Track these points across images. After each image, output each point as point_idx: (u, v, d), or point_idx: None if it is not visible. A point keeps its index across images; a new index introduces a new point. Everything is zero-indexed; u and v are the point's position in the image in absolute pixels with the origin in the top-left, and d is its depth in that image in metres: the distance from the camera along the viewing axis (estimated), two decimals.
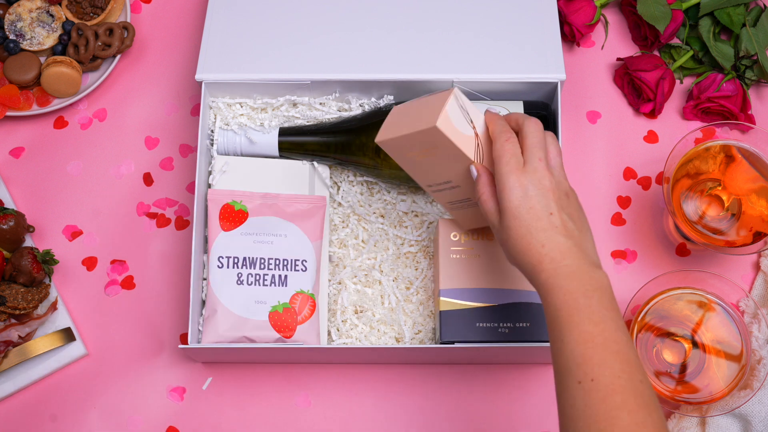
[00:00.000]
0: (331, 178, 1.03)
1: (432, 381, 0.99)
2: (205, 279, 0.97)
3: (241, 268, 0.96)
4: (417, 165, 0.84)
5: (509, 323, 0.90)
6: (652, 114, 1.08)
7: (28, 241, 1.04)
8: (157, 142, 1.09)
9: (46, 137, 1.09)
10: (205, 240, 0.98)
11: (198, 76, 0.99)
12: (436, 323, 0.93)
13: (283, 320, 0.94)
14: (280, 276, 0.96)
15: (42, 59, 1.10)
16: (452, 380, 0.99)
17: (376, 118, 0.99)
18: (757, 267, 1.03)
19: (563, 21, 1.08)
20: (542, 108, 0.98)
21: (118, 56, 1.10)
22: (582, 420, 0.67)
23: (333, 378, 1.00)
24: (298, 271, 0.96)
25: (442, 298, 0.91)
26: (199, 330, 0.96)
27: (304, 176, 1.00)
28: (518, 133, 0.79)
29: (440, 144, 0.79)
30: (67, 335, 0.99)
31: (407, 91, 1.00)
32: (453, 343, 0.90)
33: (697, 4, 1.09)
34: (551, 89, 0.99)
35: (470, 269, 0.91)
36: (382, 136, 0.83)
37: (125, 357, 1.01)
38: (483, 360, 0.98)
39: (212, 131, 1.02)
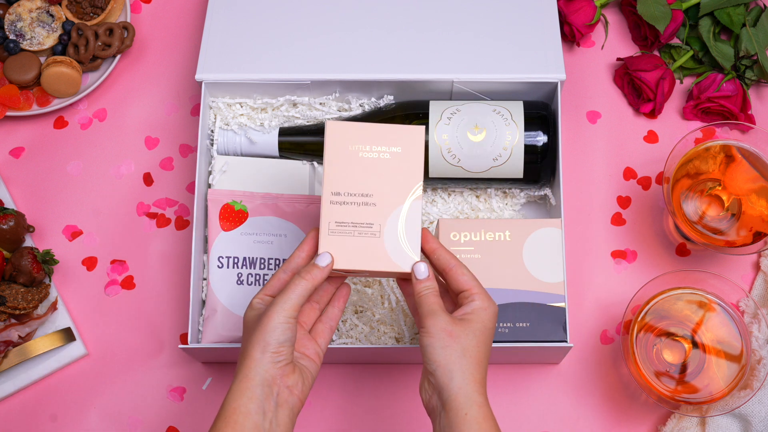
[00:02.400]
0: None
1: None
2: (205, 279, 0.97)
3: (241, 268, 0.96)
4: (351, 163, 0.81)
5: (509, 323, 0.90)
6: (652, 114, 1.08)
7: (28, 241, 1.04)
8: (157, 142, 1.09)
9: (46, 137, 1.09)
10: (205, 240, 0.98)
11: (198, 76, 0.99)
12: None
13: None
14: None
15: (42, 59, 1.10)
16: None
17: (376, 118, 0.99)
18: (757, 267, 1.03)
19: (563, 21, 1.08)
20: (542, 108, 0.98)
21: (118, 56, 1.10)
22: None
23: (333, 378, 1.00)
24: None
25: None
26: (199, 330, 0.96)
27: (304, 176, 1.00)
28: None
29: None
30: (67, 335, 0.99)
31: (407, 91, 1.00)
32: None
33: (697, 4, 1.09)
34: (551, 89, 0.99)
35: (470, 269, 0.90)
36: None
37: (125, 357, 1.01)
38: None
39: (212, 131, 1.02)
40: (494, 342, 0.89)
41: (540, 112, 0.97)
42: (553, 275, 0.90)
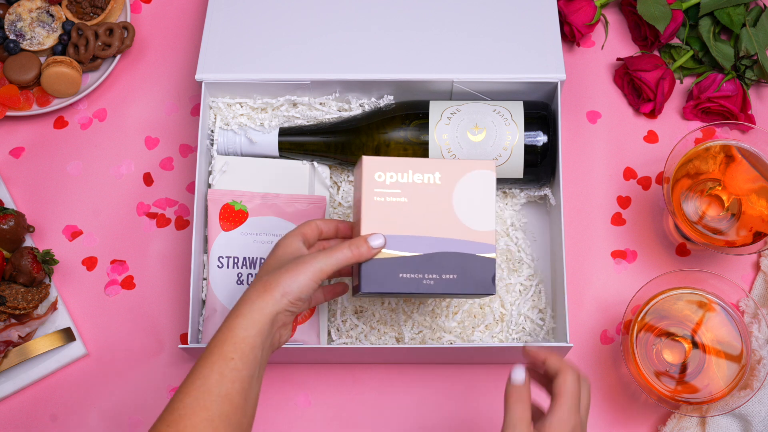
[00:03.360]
0: (331, 178, 1.03)
1: (432, 381, 0.99)
2: (205, 279, 0.97)
3: (241, 268, 0.96)
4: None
5: (435, 274, 0.83)
6: (652, 114, 1.08)
7: (28, 241, 1.04)
8: (157, 142, 1.09)
9: (46, 137, 1.09)
10: (205, 240, 0.98)
11: (198, 76, 0.99)
12: (354, 274, 0.85)
13: None
14: None
15: (42, 59, 1.10)
16: (452, 380, 0.99)
17: (376, 118, 0.99)
18: (757, 267, 1.03)
19: (563, 21, 1.08)
20: (542, 108, 0.98)
21: (118, 56, 1.10)
22: None
23: (333, 378, 1.00)
24: None
25: None
26: (199, 330, 0.96)
27: (304, 176, 1.00)
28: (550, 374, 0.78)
29: None
30: (67, 335, 0.99)
31: (407, 91, 1.00)
32: (373, 294, 0.84)
33: (697, 4, 1.09)
34: (551, 89, 0.99)
35: (395, 214, 0.83)
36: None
37: (125, 357, 1.01)
38: (483, 360, 0.98)
39: (212, 131, 1.02)
40: (419, 294, 0.84)
41: (540, 112, 0.97)
42: (484, 223, 0.83)
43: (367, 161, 0.83)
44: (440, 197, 0.83)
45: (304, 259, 0.78)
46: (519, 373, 0.76)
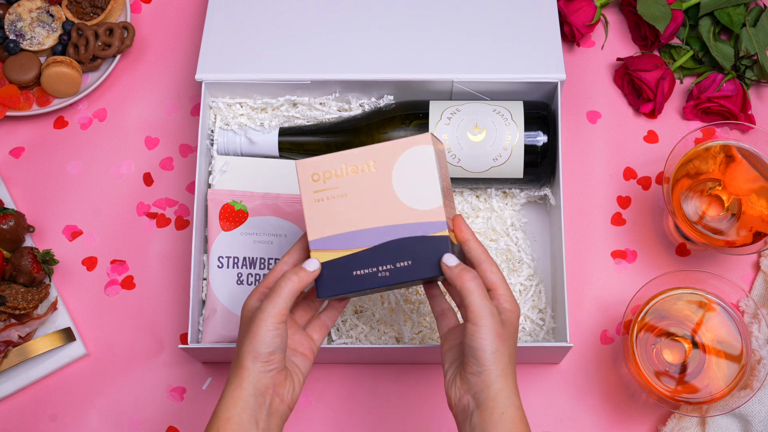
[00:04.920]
0: None
1: (432, 381, 0.99)
2: (205, 279, 0.97)
3: (241, 268, 0.96)
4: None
5: (389, 264, 0.79)
6: (652, 114, 1.08)
7: (28, 241, 1.04)
8: (157, 142, 1.09)
9: (46, 137, 1.09)
10: (205, 240, 0.98)
11: (198, 76, 0.99)
12: None
13: None
14: None
15: (42, 59, 1.10)
16: None
17: (376, 118, 0.99)
18: (757, 267, 1.03)
19: (563, 21, 1.08)
20: (542, 108, 0.98)
21: (118, 56, 1.10)
22: None
23: (333, 378, 1.00)
24: None
25: (312, 251, 0.80)
26: (199, 330, 0.96)
27: None
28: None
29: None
30: (67, 335, 1.00)
31: (407, 91, 1.00)
32: (331, 297, 0.81)
33: (697, 4, 1.09)
34: (551, 89, 0.99)
35: (337, 212, 0.80)
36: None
37: (125, 357, 1.01)
38: None
39: (212, 131, 1.02)
40: (376, 289, 0.82)
41: (540, 112, 0.97)
42: (430, 201, 0.79)
43: (300, 165, 0.80)
44: (379, 184, 0.79)
45: (256, 315, 0.76)
46: (451, 257, 0.77)
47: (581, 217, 1.05)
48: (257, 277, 0.96)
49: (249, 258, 0.96)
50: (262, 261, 0.96)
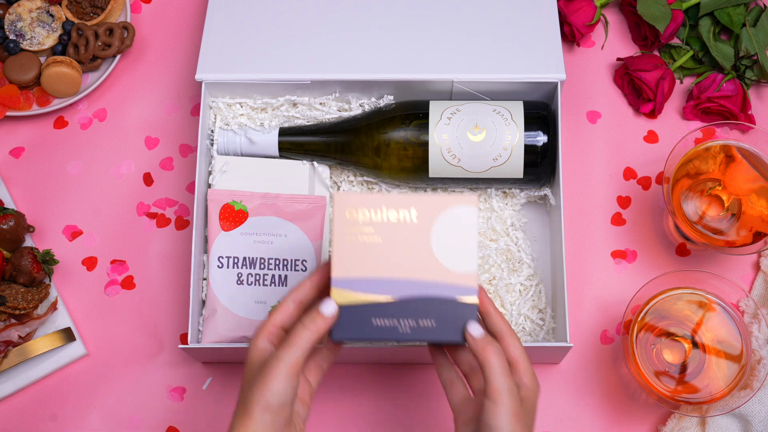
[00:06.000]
0: (331, 178, 1.03)
1: (432, 381, 0.99)
2: (205, 279, 0.97)
3: (241, 268, 0.96)
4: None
5: (411, 320, 0.76)
6: (652, 114, 1.08)
7: (28, 241, 1.04)
8: (157, 142, 1.09)
9: (46, 137, 1.09)
10: (205, 240, 0.98)
11: (198, 76, 0.99)
12: None
13: None
14: (280, 276, 0.96)
15: (42, 59, 1.10)
16: None
17: (376, 118, 0.99)
18: (757, 267, 1.03)
19: (563, 21, 1.08)
20: (542, 108, 0.98)
21: (118, 56, 1.10)
22: None
23: (333, 378, 1.00)
24: (298, 271, 0.96)
25: (333, 289, 0.77)
26: (199, 330, 0.96)
27: (304, 176, 1.00)
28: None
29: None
30: (67, 335, 1.00)
31: (407, 91, 1.00)
32: (344, 342, 0.79)
33: (697, 4, 1.09)
34: (551, 89, 0.99)
35: (368, 254, 0.77)
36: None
37: (125, 357, 1.01)
38: None
39: (212, 131, 1.02)
40: (393, 342, 0.81)
41: (540, 112, 0.97)
42: (465, 264, 0.77)
43: (338, 198, 0.77)
44: (417, 236, 0.77)
45: (270, 363, 0.72)
46: (478, 327, 0.75)
47: (581, 217, 1.05)
48: (257, 277, 0.96)
49: (249, 258, 0.96)
50: (262, 261, 0.96)
